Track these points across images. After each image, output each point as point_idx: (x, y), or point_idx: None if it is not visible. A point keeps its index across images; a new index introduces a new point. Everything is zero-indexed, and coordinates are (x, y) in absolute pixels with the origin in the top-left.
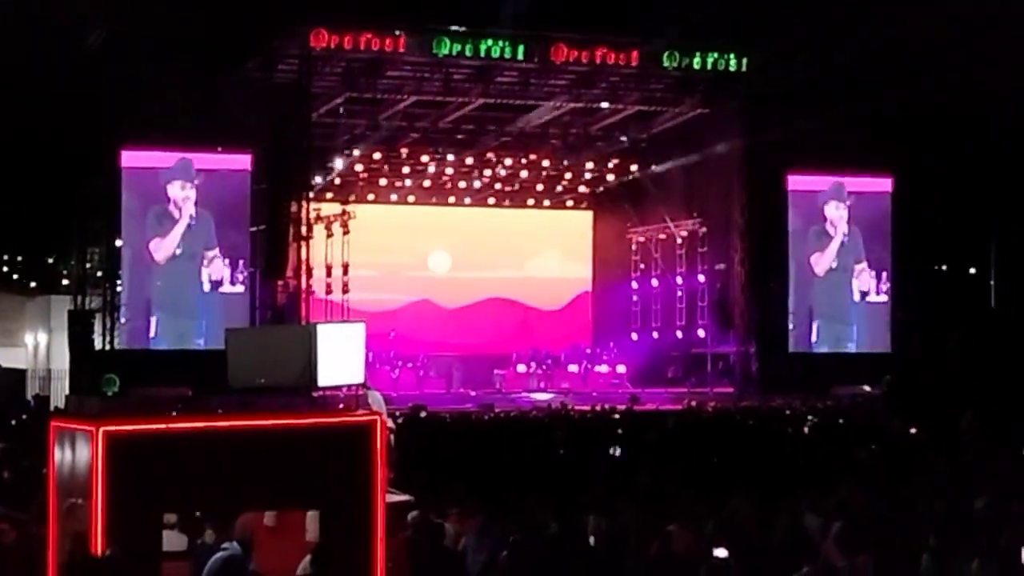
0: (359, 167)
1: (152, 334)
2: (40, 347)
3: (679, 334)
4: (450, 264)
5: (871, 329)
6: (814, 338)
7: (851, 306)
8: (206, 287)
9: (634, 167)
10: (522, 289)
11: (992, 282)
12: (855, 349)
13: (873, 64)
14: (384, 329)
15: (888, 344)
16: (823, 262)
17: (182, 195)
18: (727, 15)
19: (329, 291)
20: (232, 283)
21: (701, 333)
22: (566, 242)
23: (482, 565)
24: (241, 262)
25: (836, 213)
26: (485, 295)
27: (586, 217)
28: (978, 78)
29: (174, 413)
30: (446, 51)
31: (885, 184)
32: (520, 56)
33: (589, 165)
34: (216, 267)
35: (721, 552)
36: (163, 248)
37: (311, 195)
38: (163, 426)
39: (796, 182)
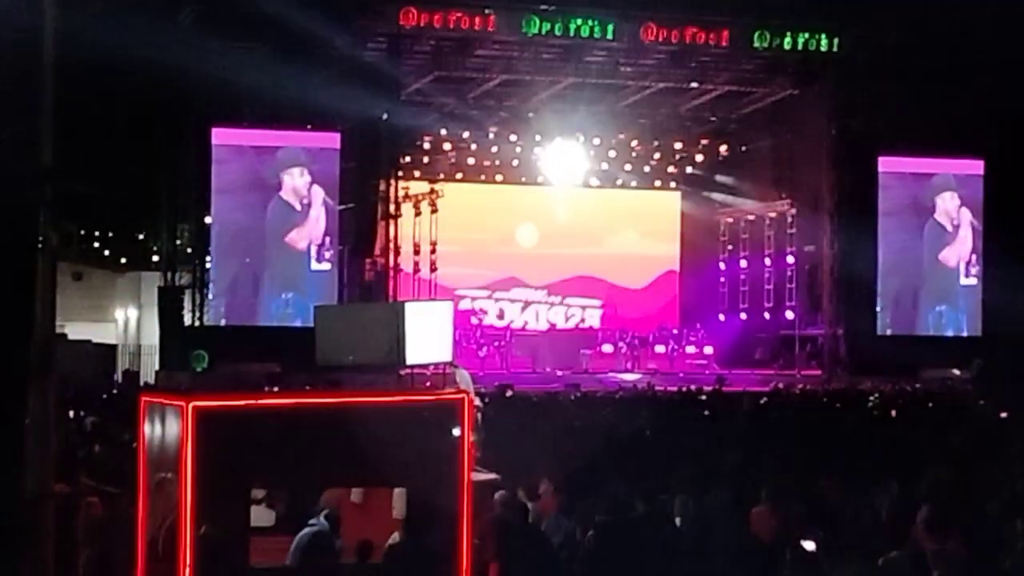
0: (447, 146)
1: (243, 310)
2: (130, 323)
3: (767, 316)
4: (537, 240)
5: (964, 313)
6: (921, 322)
7: (959, 291)
8: (314, 265)
9: (724, 147)
10: (607, 267)
11: None
12: (965, 333)
13: (964, 44)
14: (471, 308)
15: (979, 328)
16: (952, 256)
17: (302, 181)
18: None
19: (417, 269)
20: (319, 260)
21: (789, 315)
22: (653, 222)
23: (563, 544)
24: (328, 239)
25: (952, 203)
26: (571, 273)
27: (674, 197)
28: None
29: (268, 389)
30: (535, 30)
31: (977, 167)
32: (609, 35)
33: (678, 145)
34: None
35: (809, 544)
36: (302, 238)
37: (399, 174)
38: (252, 402)
39: (887, 163)
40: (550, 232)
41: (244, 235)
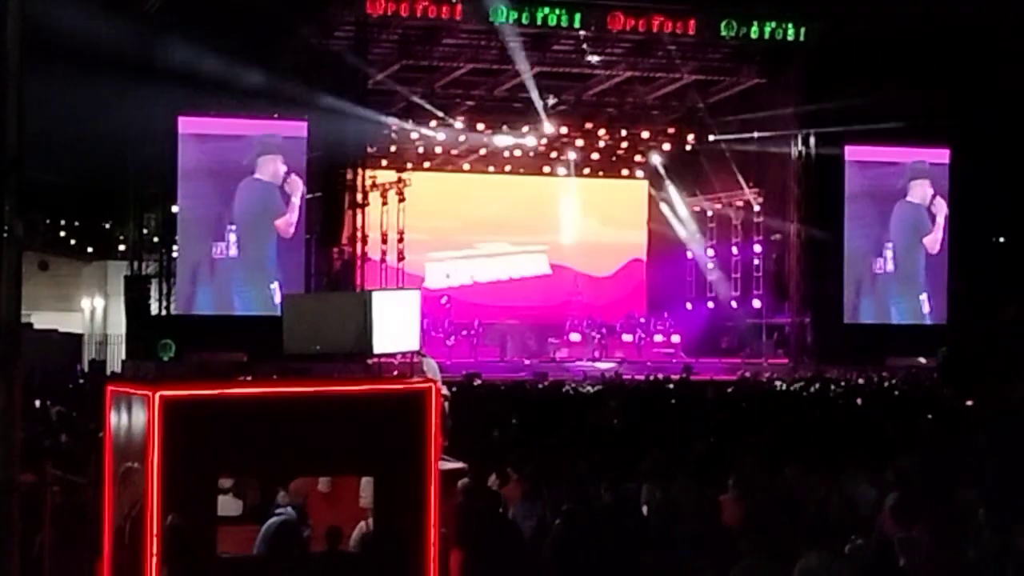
0: (414, 135)
1: (216, 299)
2: (96, 312)
3: (734, 304)
4: (504, 228)
5: (930, 301)
6: (887, 311)
7: (926, 280)
8: (276, 252)
9: (691, 136)
10: (574, 255)
11: None
12: (931, 321)
13: (930, 33)
14: (438, 294)
15: (944, 316)
16: (917, 244)
17: (282, 168)
18: None
19: (384, 258)
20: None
21: (756, 304)
22: (620, 210)
23: (531, 532)
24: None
25: (920, 191)
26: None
27: (642, 186)
28: None
29: (236, 378)
30: (502, 19)
31: (943, 155)
32: (576, 24)
33: (645, 135)
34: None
35: None
36: (288, 225)
37: (367, 162)
38: (219, 391)
39: (853, 152)
40: (517, 221)
41: (212, 224)
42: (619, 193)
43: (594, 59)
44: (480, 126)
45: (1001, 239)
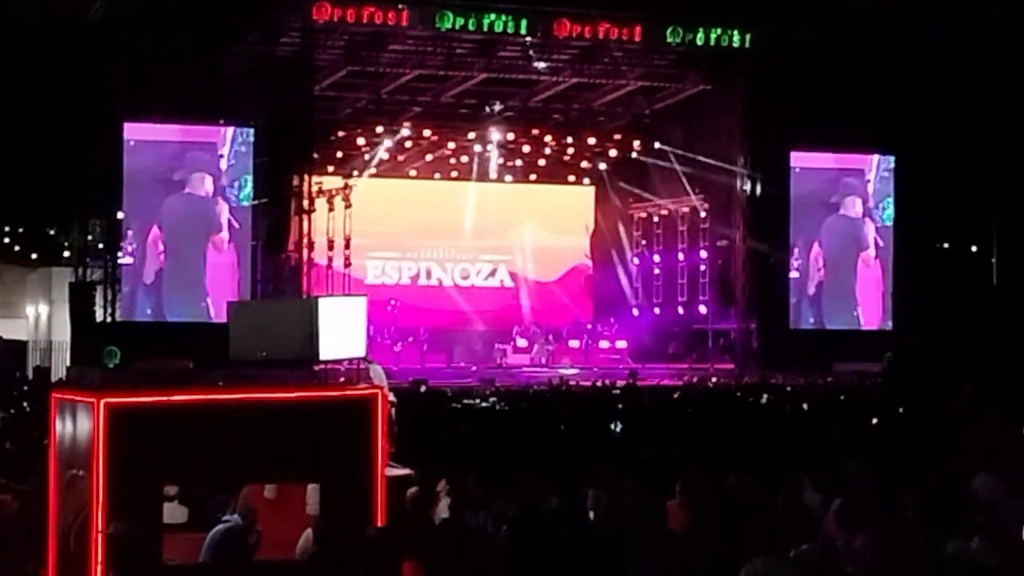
0: (361, 141)
1: (153, 307)
2: (41, 319)
3: (680, 310)
4: (451, 234)
5: (872, 306)
6: (825, 319)
7: (871, 285)
8: (211, 261)
9: (637, 143)
10: (520, 260)
11: (994, 260)
12: (877, 327)
13: (875, 40)
14: (385, 299)
15: (890, 322)
16: (863, 250)
17: (209, 182)
18: None
19: (330, 264)
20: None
21: (703, 309)
22: (566, 216)
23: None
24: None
25: (862, 197)
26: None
27: (588, 192)
28: (980, 54)
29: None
30: (448, 25)
31: (887, 162)
32: (522, 30)
33: (591, 141)
34: (219, 248)
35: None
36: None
37: (313, 168)
38: (164, 398)
39: (799, 158)
40: (464, 226)
41: (155, 231)
42: (565, 199)
43: (540, 65)
44: (427, 132)
45: (945, 244)
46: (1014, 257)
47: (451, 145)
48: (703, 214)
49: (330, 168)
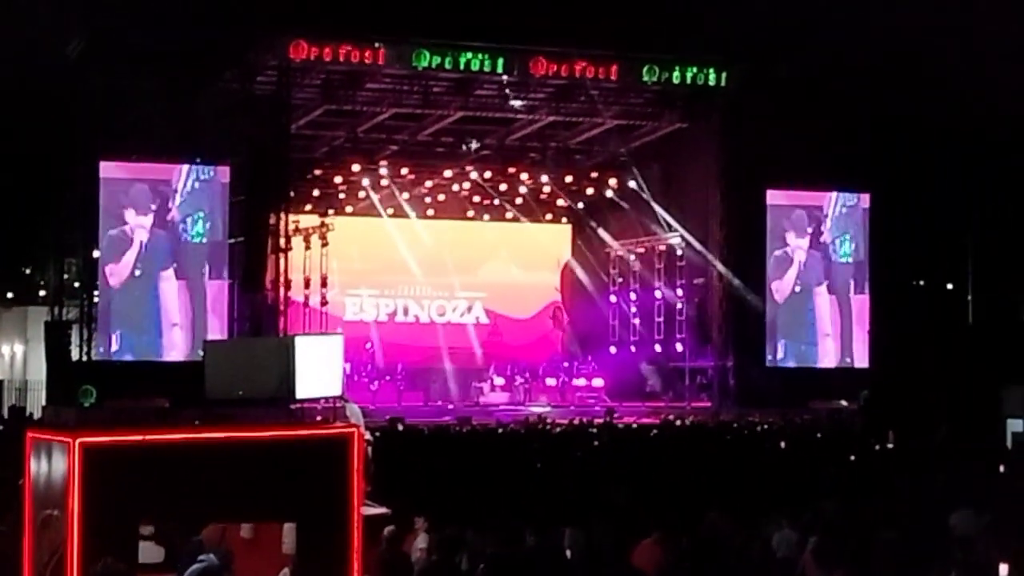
0: (338, 179)
1: (117, 347)
2: (16, 358)
3: (657, 348)
4: (427, 272)
5: (852, 344)
6: (780, 355)
7: (846, 322)
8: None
9: (613, 181)
10: (496, 298)
11: (969, 298)
12: (853, 364)
13: (851, 81)
14: (363, 336)
15: (866, 359)
16: (783, 288)
17: (136, 221)
18: (707, 31)
19: (307, 302)
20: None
21: (679, 347)
22: (543, 254)
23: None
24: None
25: (796, 241)
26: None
27: (565, 230)
28: (955, 94)
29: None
30: (425, 64)
31: (863, 200)
32: (499, 69)
33: (568, 179)
34: (169, 284)
35: None
36: (117, 272)
37: (289, 207)
38: (140, 438)
39: (775, 197)
40: (441, 264)
41: (132, 269)
42: (542, 237)
43: (517, 104)
44: (404, 170)
45: (921, 282)
46: (989, 294)
47: (428, 183)
48: (680, 252)
49: (307, 206)
